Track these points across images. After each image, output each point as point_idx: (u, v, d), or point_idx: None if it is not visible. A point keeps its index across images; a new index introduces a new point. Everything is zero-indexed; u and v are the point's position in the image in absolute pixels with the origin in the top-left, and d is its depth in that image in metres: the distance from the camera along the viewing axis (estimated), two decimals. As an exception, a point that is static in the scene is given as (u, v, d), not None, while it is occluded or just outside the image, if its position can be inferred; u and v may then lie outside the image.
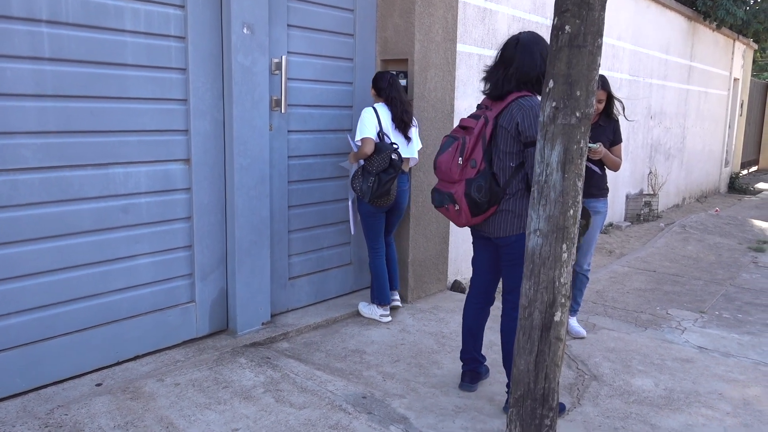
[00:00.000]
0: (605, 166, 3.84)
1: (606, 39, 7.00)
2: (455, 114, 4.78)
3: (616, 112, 3.86)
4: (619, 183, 8.09)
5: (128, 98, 3.15)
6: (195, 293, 3.56)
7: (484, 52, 5.12)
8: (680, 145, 10.19)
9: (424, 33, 4.32)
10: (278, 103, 3.78)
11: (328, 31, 4.11)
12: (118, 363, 3.26)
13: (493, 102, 2.85)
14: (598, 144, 3.64)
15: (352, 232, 4.15)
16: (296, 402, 2.95)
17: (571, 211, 2.11)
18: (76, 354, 3.09)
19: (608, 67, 7.28)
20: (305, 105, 4.02)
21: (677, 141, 10.02)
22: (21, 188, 2.83)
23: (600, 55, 2.06)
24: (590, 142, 3.57)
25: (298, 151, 4.03)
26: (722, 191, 12.88)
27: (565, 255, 2.13)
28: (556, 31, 2.04)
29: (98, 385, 3.03)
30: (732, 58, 12.17)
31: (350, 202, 4.09)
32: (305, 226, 4.16)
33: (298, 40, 3.92)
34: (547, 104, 2.09)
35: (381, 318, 4.07)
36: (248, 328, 3.73)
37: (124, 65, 3.11)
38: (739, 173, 13.98)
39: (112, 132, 3.11)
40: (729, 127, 12.87)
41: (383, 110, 3.87)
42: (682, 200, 10.65)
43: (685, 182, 10.71)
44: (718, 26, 10.45)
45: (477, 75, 5.08)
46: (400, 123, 3.89)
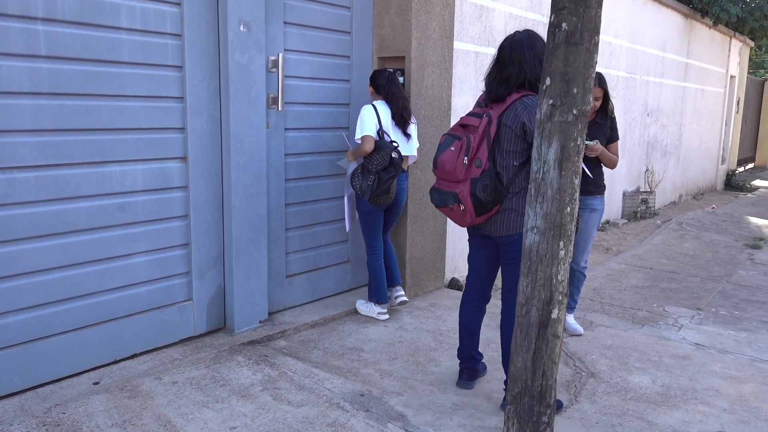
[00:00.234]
0: (602, 164, 3.84)
1: (603, 36, 7.01)
2: (452, 111, 4.78)
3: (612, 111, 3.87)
4: (616, 180, 8.10)
5: (125, 96, 3.14)
6: (192, 291, 3.56)
7: (481, 50, 5.12)
8: (677, 143, 10.20)
9: (421, 30, 4.32)
10: (275, 101, 3.78)
11: (325, 29, 4.10)
12: (116, 361, 3.25)
13: (494, 101, 2.85)
14: (595, 141, 3.65)
15: (347, 229, 4.14)
16: (294, 400, 2.95)
17: (568, 209, 2.11)
18: (74, 352, 3.09)
19: (605, 65, 7.29)
20: (302, 102, 4.02)
21: (674, 138, 10.03)
22: (17, 186, 2.82)
23: (597, 53, 2.06)
24: (587, 140, 3.57)
25: (295, 149, 4.02)
26: (719, 188, 12.91)
27: (562, 252, 2.13)
28: (553, 29, 2.04)
29: (96, 384, 3.02)
30: (728, 56, 12.19)
31: (346, 199, 4.09)
32: (302, 224, 4.16)
33: (295, 38, 3.92)
34: (544, 102, 2.09)
35: (378, 316, 4.07)
36: (246, 326, 3.73)
37: (121, 63, 3.11)
38: (736, 170, 14.00)
39: (109, 130, 3.10)
40: (725, 125, 12.89)
41: (383, 108, 3.86)
42: (679, 197, 10.67)
43: (682, 179, 10.73)
44: (715, 23, 10.47)
45: (474, 72, 5.07)
46: (400, 120, 3.88)
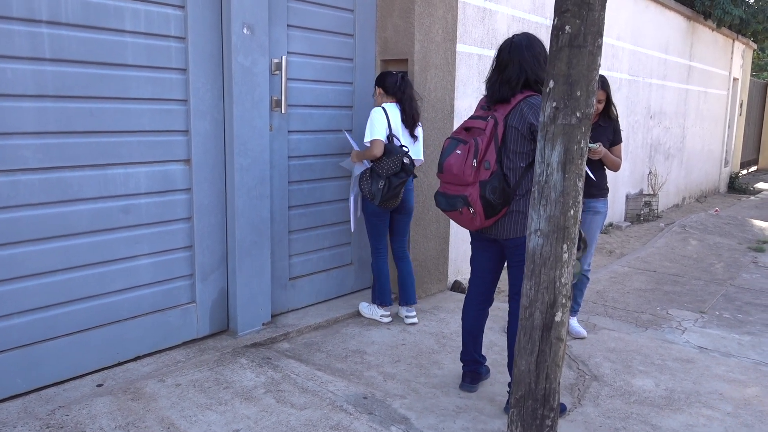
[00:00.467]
0: (605, 167, 3.84)
1: (605, 39, 7.01)
2: (455, 114, 4.78)
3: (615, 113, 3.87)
4: (619, 183, 8.09)
5: (128, 99, 3.15)
6: (195, 294, 3.56)
7: (484, 52, 5.12)
8: (680, 145, 10.19)
9: (424, 33, 4.32)
10: (278, 104, 3.79)
11: (328, 32, 4.11)
12: (119, 363, 3.26)
13: (496, 104, 2.85)
14: (598, 144, 3.64)
15: (352, 230, 4.14)
16: (297, 402, 2.94)
17: (572, 212, 2.11)
18: (77, 355, 3.09)
19: (608, 67, 7.29)
20: (305, 105, 4.02)
21: (677, 141, 10.02)
22: (21, 189, 2.83)
23: (600, 56, 2.06)
24: (590, 143, 3.57)
25: (299, 152, 4.03)
26: (722, 191, 12.89)
27: (566, 255, 2.13)
28: (557, 32, 2.04)
29: (99, 386, 3.03)
30: (731, 58, 12.18)
31: (351, 200, 4.08)
32: (305, 227, 4.16)
33: (298, 41, 3.92)
34: (548, 104, 2.09)
35: (381, 318, 4.07)
36: (249, 329, 3.73)
37: (124, 66, 3.11)
38: (739, 173, 13.98)
39: (112, 132, 3.11)
40: (728, 127, 12.87)
41: (393, 110, 3.84)
42: (682, 200, 10.66)
43: (685, 182, 10.71)
44: (718, 26, 10.46)
45: (477, 75, 5.08)
46: (411, 121, 3.87)
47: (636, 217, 8.64)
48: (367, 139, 3.76)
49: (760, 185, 13.83)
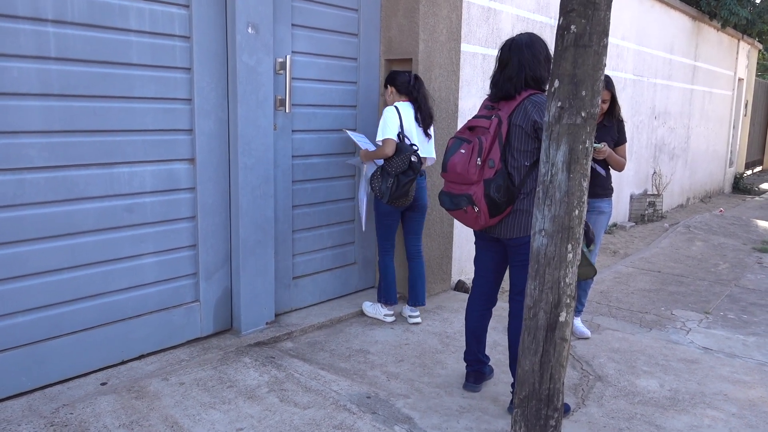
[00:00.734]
0: (610, 166, 3.83)
1: (610, 39, 6.98)
2: (459, 114, 4.78)
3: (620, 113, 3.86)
4: (624, 183, 8.07)
5: (133, 98, 3.15)
6: (199, 293, 3.56)
7: (489, 52, 5.11)
8: (684, 145, 10.16)
9: (429, 33, 4.32)
10: (282, 103, 3.79)
11: (333, 31, 4.11)
12: (123, 362, 3.26)
13: (500, 102, 2.85)
14: (603, 144, 3.64)
15: (363, 229, 4.13)
16: (300, 402, 2.95)
17: (576, 212, 2.10)
18: (81, 353, 3.10)
19: (612, 67, 7.27)
20: (309, 105, 4.03)
21: (681, 141, 9.99)
22: (26, 187, 2.84)
23: (605, 55, 2.05)
24: (595, 142, 3.56)
25: (303, 151, 4.03)
26: (726, 191, 12.85)
27: (570, 255, 2.12)
28: (562, 31, 2.04)
29: (103, 384, 3.03)
30: (736, 58, 12.14)
31: (362, 200, 4.07)
32: (309, 226, 4.16)
33: (303, 40, 3.92)
34: (553, 104, 2.08)
35: (385, 318, 4.07)
36: (252, 328, 3.73)
37: (129, 65, 3.12)
38: (744, 173, 13.93)
39: (117, 131, 3.12)
40: (733, 128, 12.83)
41: (406, 109, 3.83)
42: (687, 200, 10.63)
43: (690, 182, 10.68)
44: (723, 26, 10.42)
45: (481, 75, 5.07)
46: (426, 119, 3.87)
47: (640, 218, 8.62)
48: (379, 138, 3.76)
49: (765, 186, 13.79)
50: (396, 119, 3.76)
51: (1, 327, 2.83)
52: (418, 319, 4.09)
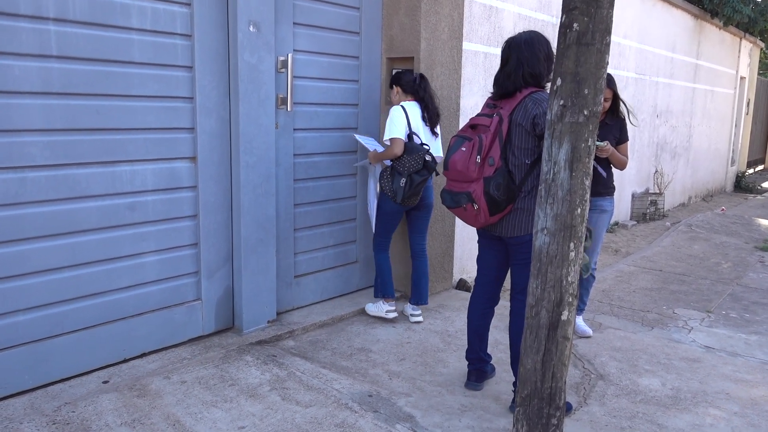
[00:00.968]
0: (612, 165, 3.82)
1: (612, 37, 6.96)
2: (461, 112, 4.77)
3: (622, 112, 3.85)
4: (625, 182, 8.06)
5: (135, 96, 3.15)
6: (201, 291, 3.56)
7: (490, 51, 5.10)
8: (686, 144, 10.14)
9: (430, 31, 4.31)
10: (284, 101, 3.78)
11: (334, 29, 4.10)
12: (125, 360, 3.27)
13: (502, 100, 2.85)
14: (606, 142, 3.63)
15: (374, 229, 4.13)
16: (302, 400, 2.95)
17: (579, 210, 2.10)
18: (83, 351, 3.10)
19: (614, 66, 7.26)
20: (311, 103, 4.02)
21: (683, 140, 9.98)
22: (28, 186, 2.84)
23: (608, 53, 2.05)
24: (597, 140, 3.56)
25: (304, 149, 4.03)
26: (728, 190, 12.83)
27: (573, 254, 2.12)
28: (564, 29, 2.04)
29: (105, 383, 3.03)
30: (738, 57, 12.12)
31: (371, 200, 4.06)
32: (311, 224, 4.16)
33: (304, 38, 3.92)
34: (555, 102, 2.08)
35: (387, 314, 4.04)
36: (254, 326, 3.73)
37: (131, 63, 3.12)
38: (745, 172, 13.91)
39: (119, 130, 3.12)
40: (735, 126, 12.81)
41: (413, 108, 3.83)
42: (688, 199, 10.61)
43: (691, 181, 10.67)
44: (725, 24, 10.40)
45: (483, 73, 5.06)
46: (433, 118, 3.87)
47: (642, 216, 8.61)
48: (386, 138, 3.75)
49: (767, 184, 13.76)
50: (403, 118, 3.76)
51: (3, 325, 2.83)
52: (420, 318, 4.09)
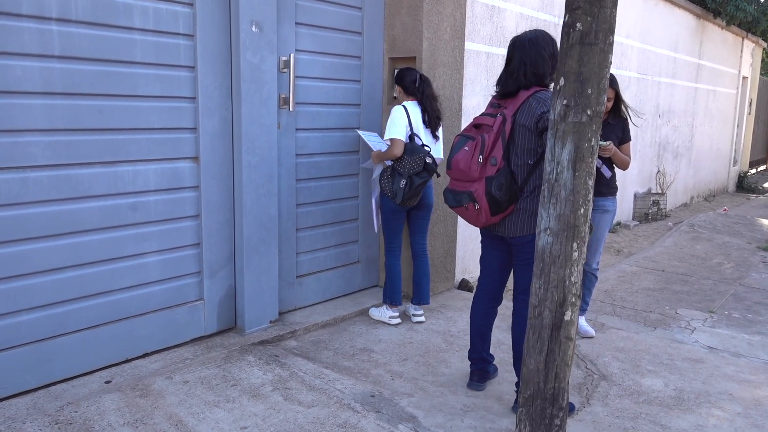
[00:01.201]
0: (614, 165, 3.82)
1: (614, 37, 6.94)
2: (463, 112, 4.77)
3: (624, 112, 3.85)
4: (628, 182, 8.05)
5: (137, 96, 3.15)
6: (203, 291, 3.56)
7: (493, 50, 5.10)
8: (688, 144, 10.13)
9: (433, 31, 4.31)
10: (286, 101, 3.78)
11: (336, 29, 4.10)
12: (128, 360, 3.27)
13: (506, 100, 2.85)
14: (608, 142, 3.62)
15: (376, 230, 4.12)
16: (305, 400, 2.94)
17: (582, 210, 2.09)
18: (86, 351, 3.10)
19: (616, 65, 7.25)
20: (313, 103, 4.02)
21: (685, 139, 9.96)
22: (30, 186, 2.84)
23: (611, 53, 2.04)
24: (600, 140, 3.55)
25: (306, 149, 4.02)
26: (730, 190, 12.81)
27: (576, 254, 2.11)
28: (568, 29, 2.03)
29: (108, 383, 3.03)
30: (741, 56, 12.10)
31: (374, 200, 4.06)
32: (313, 224, 4.16)
33: (306, 38, 3.92)
34: (558, 102, 2.07)
35: (390, 320, 4.02)
36: (256, 326, 3.73)
37: (133, 63, 3.12)
38: (748, 172, 13.88)
39: (121, 130, 3.12)
40: (737, 126, 12.79)
41: (414, 109, 3.80)
42: (690, 199, 10.60)
43: (694, 181, 10.65)
44: (728, 24, 10.39)
45: (485, 73, 5.06)
46: (433, 121, 3.84)
47: (644, 216, 8.60)
48: (387, 138, 3.74)
49: (769, 184, 13.74)
50: (403, 119, 3.74)
51: (6, 325, 2.83)
52: (422, 318, 4.08)
